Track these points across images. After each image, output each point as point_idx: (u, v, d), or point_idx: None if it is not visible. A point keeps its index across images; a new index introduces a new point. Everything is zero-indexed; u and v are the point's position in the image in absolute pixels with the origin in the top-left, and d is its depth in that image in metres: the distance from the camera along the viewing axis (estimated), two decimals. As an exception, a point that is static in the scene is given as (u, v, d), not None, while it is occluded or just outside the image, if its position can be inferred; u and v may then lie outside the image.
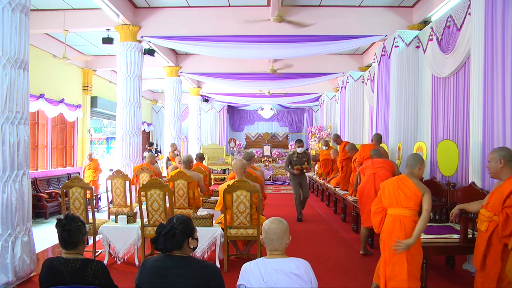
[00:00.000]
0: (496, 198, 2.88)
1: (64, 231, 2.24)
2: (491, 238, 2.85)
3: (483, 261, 2.91)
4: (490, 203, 2.99)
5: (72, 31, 7.88)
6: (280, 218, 2.20)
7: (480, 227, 2.98)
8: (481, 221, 2.98)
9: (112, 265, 4.68)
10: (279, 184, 14.26)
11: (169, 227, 2.08)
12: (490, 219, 2.88)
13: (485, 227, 2.90)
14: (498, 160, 2.95)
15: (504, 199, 2.77)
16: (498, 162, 2.94)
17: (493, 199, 2.94)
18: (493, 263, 2.84)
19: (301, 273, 2.03)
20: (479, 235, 3.02)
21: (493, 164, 3.00)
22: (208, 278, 2.04)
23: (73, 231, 2.26)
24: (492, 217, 2.87)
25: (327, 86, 13.37)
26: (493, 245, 2.85)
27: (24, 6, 4.02)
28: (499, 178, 2.99)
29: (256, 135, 17.75)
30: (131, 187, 6.21)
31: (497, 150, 3.04)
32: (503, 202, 2.78)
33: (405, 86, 6.85)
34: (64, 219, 2.27)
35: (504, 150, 3.00)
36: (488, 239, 2.86)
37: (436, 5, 6.44)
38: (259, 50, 8.32)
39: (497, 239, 2.82)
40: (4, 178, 3.86)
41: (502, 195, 2.80)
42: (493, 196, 2.97)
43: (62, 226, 2.24)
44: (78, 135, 11.00)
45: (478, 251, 2.95)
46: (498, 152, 2.99)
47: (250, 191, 4.38)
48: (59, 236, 2.26)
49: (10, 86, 3.90)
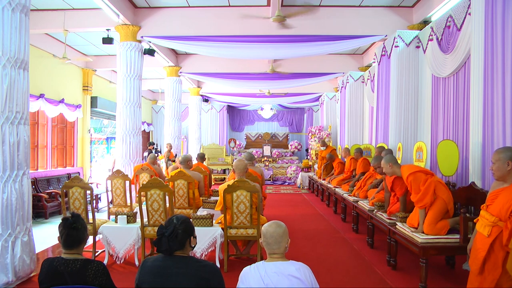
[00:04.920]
0: (503, 203, 2.68)
1: (72, 230, 2.23)
2: (494, 244, 2.69)
3: (482, 265, 2.76)
4: (493, 206, 2.79)
5: (72, 31, 7.88)
6: (279, 221, 2.19)
7: (482, 231, 2.78)
8: (483, 224, 2.79)
9: (112, 265, 4.68)
10: (279, 184, 14.26)
11: (172, 227, 2.08)
12: (494, 224, 2.69)
13: (488, 232, 2.72)
14: (505, 162, 2.73)
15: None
16: (506, 164, 2.73)
17: (498, 203, 2.74)
18: (493, 268, 2.71)
19: (301, 276, 2.02)
20: (480, 239, 2.81)
21: (499, 165, 2.77)
22: (208, 278, 2.04)
23: (81, 229, 2.28)
24: (497, 222, 2.68)
25: (327, 86, 13.37)
26: (494, 251, 2.70)
27: (24, 6, 4.02)
28: (505, 180, 2.79)
29: (256, 135, 17.74)
30: (131, 187, 6.21)
31: (503, 150, 2.82)
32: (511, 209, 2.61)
33: (405, 86, 6.85)
34: (71, 218, 2.26)
35: (510, 150, 2.78)
36: (491, 244, 2.70)
37: (436, 5, 6.44)
38: (259, 50, 8.32)
39: (500, 246, 2.66)
40: (4, 178, 3.86)
41: (510, 202, 2.62)
42: (496, 198, 2.79)
43: (70, 225, 2.23)
44: (78, 135, 11.00)
45: (478, 255, 2.78)
46: (505, 152, 2.77)
47: (250, 191, 4.38)
48: (66, 236, 2.22)
49: (10, 86, 3.90)
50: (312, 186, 11.74)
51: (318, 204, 9.50)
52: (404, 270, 4.45)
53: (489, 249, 2.71)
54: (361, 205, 5.87)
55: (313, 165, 12.88)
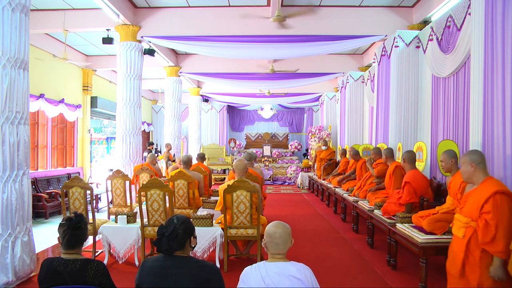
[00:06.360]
0: (473, 203, 2.80)
1: (76, 230, 2.24)
2: (469, 245, 2.78)
3: (463, 268, 2.83)
4: (465, 208, 2.91)
5: (72, 31, 7.88)
6: (283, 222, 2.21)
7: (457, 233, 2.90)
8: (458, 227, 2.91)
9: (112, 265, 4.68)
10: (279, 184, 14.26)
11: (172, 227, 2.08)
12: (467, 225, 2.81)
13: (463, 233, 2.83)
14: (469, 164, 2.92)
15: (481, 205, 2.71)
16: (469, 166, 2.92)
17: (469, 204, 2.86)
18: (473, 270, 2.77)
19: (302, 277, 2.03)
20: (456, 241, 2.93)
21: (464, 168, 2.97)
22: (207, 278, 2.04)
23: (84, 229, 2.30)
24: (470, 222, 2.80)
25: (327, 86, 13.37)
26: (471, 251, 2.78)
27: (24, 6, 4.02)
28: (472, 182, 2.96)
29: (256, 135, 17.74)
30: (131, 187, 6.21)
31: (467, 153, 3.01)
32: (480, 208, 2.72)
33: (405, 86, 6.84)
34: (75, 217, 2.26)
35: (474, 153, 2.97)
36: (466, 246, 2.79)
37: (436, 5, 6.44)
38: (259, 50, 8.32)
39: (475, 245, 2.75)
40: (4, 178, 3.86)
41: (479, 201, 2.74)
42: (467, 200, 2.90)
43: (74, 225, 2.23)
44: (78, 135, 11.00)
45: (457, 258, 2.86)
46: (468, 155, 2.96)
47: (250, 191, 4.38)
48: (69, 236, 2.22)
49: (10, 86, 3.90)
50: (312, 186, 11.74)
51: (318, 204, 9.50)
52: (404, 270, 4.46)
53: (466, 251, 2.79)
54: (361, 205, 5.87)
55: (313, 165, 12.89)
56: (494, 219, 2.64)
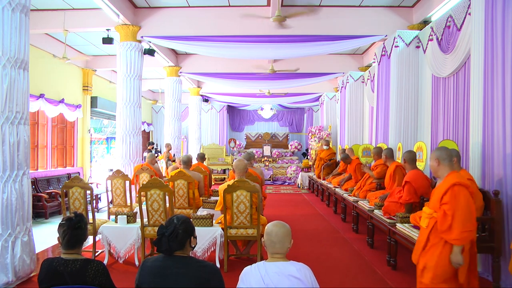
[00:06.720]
0: (436, 196, 2.98)
1: (77, 230, 2.24)
2: (430, 234, 2.94)
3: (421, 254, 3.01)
4: (430, 201, 3.11)
5: (72, 31, 7.88)
6: (283, 222, 2.21)
7: (423, 223, 3.07)
8: (423, 217, 3.08)
9: (112, 265, 4.68)
10: (279, 184, 14.26)
11: (172, 227, 2.08)
12: (431, 215, 2.97)
13: (426, 224, 2.99)
14: (434, 160, 3.07)
15: (441, 197, 2.88)
16: (434, 162, 3.07)
17: (433, 197, 3.04)
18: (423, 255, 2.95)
19: (302, 277, 2.03)
20: (421, 232, 3.10)
21: (431, 163, 3.13)
22: (207, 278, 2.04)
23: (84, 228, 2.30)
24: (432, 214, 2.96)
25: (327, 86, 13.37)
26: (430, 240, 2.93)
27: (24, 6, 4.02)
28: (438, 176, 3.10)
29: (256, 135, 17.74)
30: (131, 187, 6.21)
31: (434, 150, 3.17)
32: (440, 199, 2.88)
33: (405, 86, 6.84)
34: (75, 217, 2.27)
35: (440, 150, 3.11)
36: (428, 235, 2.94)
37: (436, 5, 6.44)
38: (259, 50, 8.32)
39: (435, 234, 2.90)
40: (4, 178, 3.86)
41: (440, 193, 2.90)
42: (433, 194, 3.07)
43: (74, 224, 2.24)
44: (78, 135, 11.00)
45: (419, 246, 3.03)
46: (435, 152, 3.12)
47: (250, 191, 4.38)
48: (70, 236, 2.22)
49: (10, 86, 3.90)
50: (312, 186, 11.74)
51: (318, 204, 9.50)
52: (404, 270, 4.45)
53: (426, 240, 2.96)
54: (361, 205, 5.87)
55: (313, 165, 12.89)
56: (451, 209, 2.78)
